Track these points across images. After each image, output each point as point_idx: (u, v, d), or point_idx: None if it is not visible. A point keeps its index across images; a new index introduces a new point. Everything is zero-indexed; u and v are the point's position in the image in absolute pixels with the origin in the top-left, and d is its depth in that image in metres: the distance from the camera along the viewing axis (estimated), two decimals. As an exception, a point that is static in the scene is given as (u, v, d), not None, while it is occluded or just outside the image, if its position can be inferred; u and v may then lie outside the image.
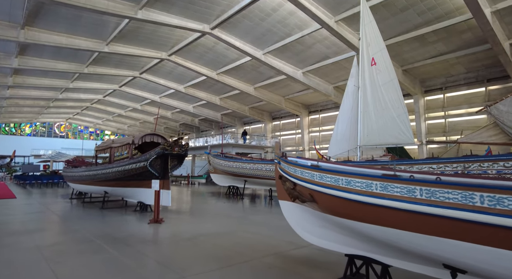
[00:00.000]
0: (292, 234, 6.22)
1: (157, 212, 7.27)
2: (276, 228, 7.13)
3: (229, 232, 6.67)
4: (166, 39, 19.25)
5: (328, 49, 19.40)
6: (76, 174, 11.64)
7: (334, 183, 3.24)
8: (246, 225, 7.45)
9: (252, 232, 6.69)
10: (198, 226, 7.18)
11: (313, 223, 3.81)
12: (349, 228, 3.39)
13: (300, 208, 3.82)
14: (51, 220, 8.19)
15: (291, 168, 3.60)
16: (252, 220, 8.17)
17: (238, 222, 7.87)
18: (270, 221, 8.17)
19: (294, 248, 5.42)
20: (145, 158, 8.11)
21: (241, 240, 5.96)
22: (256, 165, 10.69)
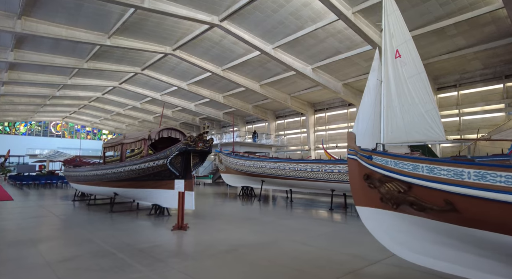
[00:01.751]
0: (350, 245, 5.46)
1: (182, 217, 6.38)
2: (324, 236, 6.22)
3: (271, 241, 5.68)
4: (171, 32, 18.33)
5: (341, 44, 18.64)
6: (80, 173, 10.63)
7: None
8: (285, 232, 6.53)
9: (299, 241, 5.73)
10: (231, 234, 6.22)
11: (423, 238, 2.90)
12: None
13: (399, 218, 2.87)
14: (56, 225, 7.24)
15: (405, 164, 2.69)
16: (288, 226, 7.28)
17: (273, 228, 6.97)
18: (309, 226, 7.27)
19: (366, 264, 4.43)
20: (165, 155, 7.16)
21: (293, 252, 4.99)
22: (288, 164, 9.71)
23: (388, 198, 2.78)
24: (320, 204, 11.95)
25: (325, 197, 14.92)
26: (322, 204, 12.00)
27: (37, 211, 9.59)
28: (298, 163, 9.62)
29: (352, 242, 5.78)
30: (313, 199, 13.83)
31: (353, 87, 24.99)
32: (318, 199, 14.20)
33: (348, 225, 7.59)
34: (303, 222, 7.89)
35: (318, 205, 11.65)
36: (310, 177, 9.23)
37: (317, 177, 9.02)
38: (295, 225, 7.44)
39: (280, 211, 9.61)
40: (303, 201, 12.58)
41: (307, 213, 9.54)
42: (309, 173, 9.22)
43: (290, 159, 11.65)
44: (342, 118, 28.22)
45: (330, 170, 8.69)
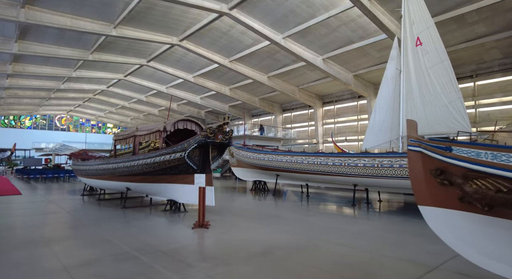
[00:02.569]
0: (393, 247, 4.95)
1: (203, 214, 5.98)
2: (361, 236, 5.72)
3: (306, 242, 5.15)
4: (178, 22, 17.76)
5: (354, 33, 17.96)
6: (90, 167, 10.28)
7: None
8: (316, 231, 6.02)
9: (335, 242, 5.18)
10: (258, 233, 5.70)
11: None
12: None
13: (492, 224, 2.33)
14: (68, 223, 6.88)
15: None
16: (317, 224, 6.74)
17: (302, 227, 6.45)
18: (339, 224, 6.81)
19: (424, 271, 3.89)
20: (183, 148, 6.71)
21: (334, 256, 4.44)
22: (311, 158, 9.15)
23: (477, 198, 2.31)
24: (336, 199, 11.53)
25: (335, 191, 14.47)
26: (338, 199, 11.57)
27: (46, 206, 9.28)
28: (318, 156, 9.17)
29: (395, 244, 5.25)
30: (323, 193, 13.42)
31: (363, 78, 24.33)
32: (328, 193, 13.78)
33: (382, 223, 7.06)
34: (331, 220, 7.39)
35: (335, 200, 11.23)
36: (330, 171, 8.80)
37: (339, 171, 8.57)
38: (324, 223, 6.94)
39: (301, 207, 9.10)
40: (318, 196, 12.17)
41: (330, 209, 9.07)
42: (330, 167, 8.78)
43: (309, 152, 11.19)
44: (352, 111, 27.62)
45: (354, 164, 8.25)
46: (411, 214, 8.17)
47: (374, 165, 7.83)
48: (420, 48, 11.57)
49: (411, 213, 8.40)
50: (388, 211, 8.82)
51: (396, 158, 7.53)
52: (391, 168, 7.50)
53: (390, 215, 7.97)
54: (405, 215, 8.09)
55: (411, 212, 8.73)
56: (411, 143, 2.84)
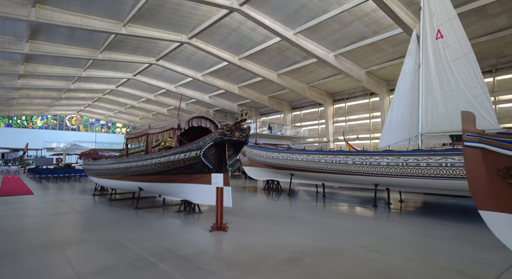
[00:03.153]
0: (436, 254, 4.42)
1: (220, 216, 5.66)
2: (395, 241, 5.24)
3: (335, 247, 4.70)
4: (187, 19, 17.53)
5: (367, 28, 17.45)
6: (101, 167, 10.12)
7: None
8: (343, 235, 5.57)
9: (368, 247, 4.70)
10: (281, 237, 5.31)
11: None
12: None
13: None
14: (81, 224, 6.67)
15: None
16: (341, 227, 6.25)
17: (326, 230, 5.99)
18: (366, 227, 6.30)
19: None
20: (198, 146, 6.32)
21: (372, 264, 3.98)
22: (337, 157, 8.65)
23: None
24: (353, 199, 11.10)
25: (349, 190, 13.97)
26: (355, 199, 11.14)
27: (58, 206, 9.13)
28: (337, 155, 8.77)
29: (437, 251, 4.68)
30: (337, 193, 12.98)
31: (376, 75, 23.76)
32: (342, 192, 13.34)
33: (414, 226, 6.45)
34: (355, 222, 6.93)
35: (353, 200, 10.79)
36: (350, 170, 8.39)
37: (360, 170, 8.16)
38: (349, 226, 6.47)
39: (319, 208, 8.63)
40: (333, 196, 11.75)
41: (350, 210, 8.61)
42: (349, 166, 8.38)
43: (326, 150, 10.80)
44: (364, 109, 27.03)
45: (376, 163, 7.84)
46: (439, 216, 7.68)
47: (399, 164, 7.41)
48: (441, 41, 11.04)
49: (439, 215, 7.91)
50: (412, 212, 8.32)
51: (423, 156, 7.08)
52: (418, 166, 7.07)
53: (416, 217, 7.45)
54: (433, 216, 7.56)
55: (438, 213, 8.24)
56: (469, 138, 2.47)
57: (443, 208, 9.47)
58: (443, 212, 8.50)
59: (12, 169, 34.96)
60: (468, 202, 10.92)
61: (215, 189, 5.92)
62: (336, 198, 11.23)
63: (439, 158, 6.81)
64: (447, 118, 10.50)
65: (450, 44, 10.62)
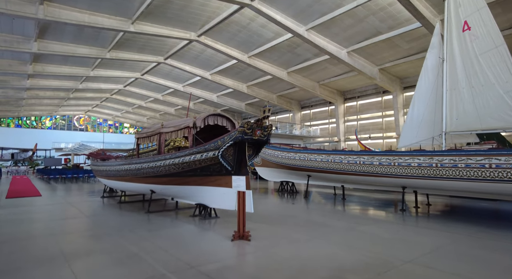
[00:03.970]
0: (502, 272, 3.76)
1: (243, 223, 5.15)
2: (448, 254, 4.52)
3: (379, 262, 4.06)
4: (196, 16, 17.11)
5: (382, 23, 16.79)
6: (111, 168, 9.71)
7: None
8: (383, 245, 4.90)
9: (420, 263, 4.02)
10: (312, 248, 4.71)
11: None
12: None
13: None
14: (89, 231, 6.19)
15: None
16: (377, 235, 5.60)
17: (361, 238, 5.38)
18: (405, 236, 5.62)
19: None
20: (216, 146, 5.86)
21: None
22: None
23: None
24: (375, 202, 10.46)
25: (365, 192, 13.31)
26: (377, 201, 10.51)
27: (65, 209, 8.74)
28: (361, 155, 8.20)
29: (500, 268, 4.04)
30: (350, 194, 12.34)
31: (389, 72, 23.04)
32: (357, 194, 12.71)
33: (458, 235, 5.73)
34: (389, 229, 6.23)
35: (374, 203, 10.15)
36: (376, 171, 7.81)
37: (387, 172, 7.57)
38: (383, 234, 5.79)
39: (344, 213, 7.99)
40: (351, 198, 11.11)
41: (378, 215, 7.94)
42: (375, 167, 7.80)
43: (349, 150, 10.21)
44: (376, 107, 26.29)
45: (406, 163, 7.25)
46: (479, 222, 6.96)
47: (432, 165, 6.80)
48: (468, 33, 10.37)
49: (477, 221, 7.22)
50: (443, 217, 7.59)
51: (462, 156, 6.47)
52: (455, 168, 6.46)
53: (453, 222, 6.62)
54: (473, 222, 6.85)
55: (474, 218, 7.55)
56: None
57: (475, 212, 8.78)
58: (477, 216, 7.82)
59: (22, 169, 35.11)
60: (501, 205, 10.21)
61: (234, 193, 5.42)
62: (355, 200, 10.63)
63: (481, 158, 6.19)
64: (475, 116, 9.84)
65: (478, 36, 9.95)
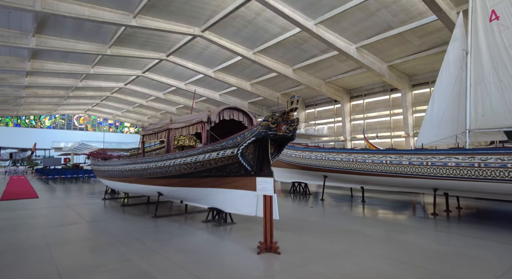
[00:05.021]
0: None
1: (270, 233, 4.38)
2: None
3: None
4: (200, 10, 16.44)
5: (394, 17, 16.12)
6: (113, 168, 8.92)
7: None
8: (439, 262, 4.15)
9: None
10: (355, 263, 4.02)
11: None
12: None
13: None
14: (91, 241, 5.44)
15: None
16: (423, 247, 4.87)
17: (404, 250, 4.66)
18: (457, 248, 4.87)
19: None
20: (235, 143, 5.15)
21: None
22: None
23: None
24: (395, 204, 9.76)
25: (373, 193, 12.55)
26: (397, 204, 9.81)
27: (64, 214, 8.05)
28: (387, 154, 7.53)
29: None
30: (358, 196, 11.59)
31: (398, 69, 22.38)
32: (369, 195, 11.99)
33: None
34: (433, 238, 5.43)
35: (396, 205, 9.45)
36: (405, 172, 7.14)
37: (418, 172, 6.90)
38: (429, 244, 5.05)
39: (372, 218, 7.19)
40: (369, 200, 10.36)
41: (411, 221, 7.05)
42: (404, 167, 7.14)
43: (373, 149, 9.53)
44: (383, 105, 25.62)
45: (441, 163, 6.58)
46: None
47: (474, 164, 6.14)
48: (496, 23, 9.69)
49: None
50: (489, 223, 6.68)
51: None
52: (504, 168, 5.78)
53: (498, 230, 6.05)
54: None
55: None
56: None
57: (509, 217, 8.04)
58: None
59: (20, 169, 34.45)
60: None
61: (255, 196, 4.75)
62: (376, 203, 9.89)
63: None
64: (505, 112, 9.16)
65: (508, 26, 9.28)
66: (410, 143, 22.67)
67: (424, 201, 8.56)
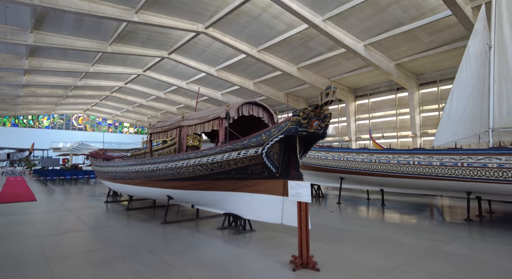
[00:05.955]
0: None
1: (306, 246, 3.80)
2: None
3: None
4: (205, 5, 15.92)
5: (405, 13, 15.63)
6: (117, 169, 8.19)
7: None
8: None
9: None
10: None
11: None
12: None
13: None
14: (96, 253, 4.76)
15: None
16: (481, 261, 4.33)
17: (459, 264, 4.14)
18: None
19: None
20: (259, 141, 4.54)
21: None
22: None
23: None
24: (415, 206, 9.24)
25: (386, 195, 11.96)
26: (417, 206, 9.29)
27: (64, 219, 7.46)
28: (415, 154, 7.00)
29: None
30: (376, 198, 11.07)
31: (405, 68, 21.89)
32: (378, 197, 11.42)
33: None
34: (485, 250, 4.83)
35: (417, 209, 8.91)
36: (435, 173, 6.63)
37: (451, 174, 6.38)
38: (493, 260, 4.43)
39: (404, 224, 6.60)
40: (392, 204, 9.73)
41: (448, 227, 6.36)
42: (434, 168, 6.62)
43: (399, 149, 8.96)
44: (389, 105, 25.12)
45: (479, 164, 6.06)
46: None
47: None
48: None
49: None
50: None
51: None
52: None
53: None
54: None
55: None
56: None
57: None
58: None
59: (18, 170, 33.77)
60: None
61: (280, 202, 4.20)
62: (396, 206, 9.32)
63: None
64: (532, 110, 8.69)
65: (535, 19, 8.82)
66: (418, 143, 22.21)
67: (443, 204, 8.01)
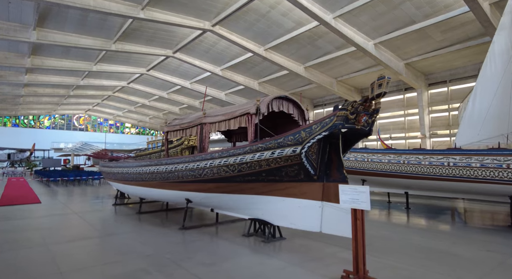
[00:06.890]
0: None
1: (363, 258, 3.28)
2: None
3: None
4: (212, 2, 15.55)
5: (418, 10, 15.23)
6: (129, 170, 7.63)
7: None
8: None
9: None
10: None
11: None
12: None
13: None
14: (116, 266, 4.07)
15: None
16: None
17: None
18: None
19: None
20: (297, 139, 4.04)
21: None
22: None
23: None
24: (438, 209, 8.77)
25: (396, 197, 11.48)
26: (440, 210, 8.83)
27: (72, 223, 7.00)
28: (450, 155, 6.56)
29: None
30: (393, 201, 10.57)
31: (415, 67, 21.50)
32: (394, 199, 10.98)
33: None
34: None
35: (441, 212, 8.45)
36: (474, 175, 6.20)
37: (491, 176, 5.96)
38: None
39: (446, 231, 6.10)
40: (417, 208, 9.19)
41: (493, 235, 5.83)
42: (473, 170, 6.20)
43: (430, 149, 8.50)
44: (397, 105, 24.72)
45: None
46: None
47: None
48: (552, 10, 8.80)
49: None
50: None
51: None
52: None
53: None
54: None
55: None
56: None
57: None
58: None
59: (18, 171, 33.30)
60: None
61: (320, 207, 3.75)
62: (422, 210, 8.80)
63: None
64: None
65: None
66: (427, 144, 21.81)
67: (466, 208, 7.55)
